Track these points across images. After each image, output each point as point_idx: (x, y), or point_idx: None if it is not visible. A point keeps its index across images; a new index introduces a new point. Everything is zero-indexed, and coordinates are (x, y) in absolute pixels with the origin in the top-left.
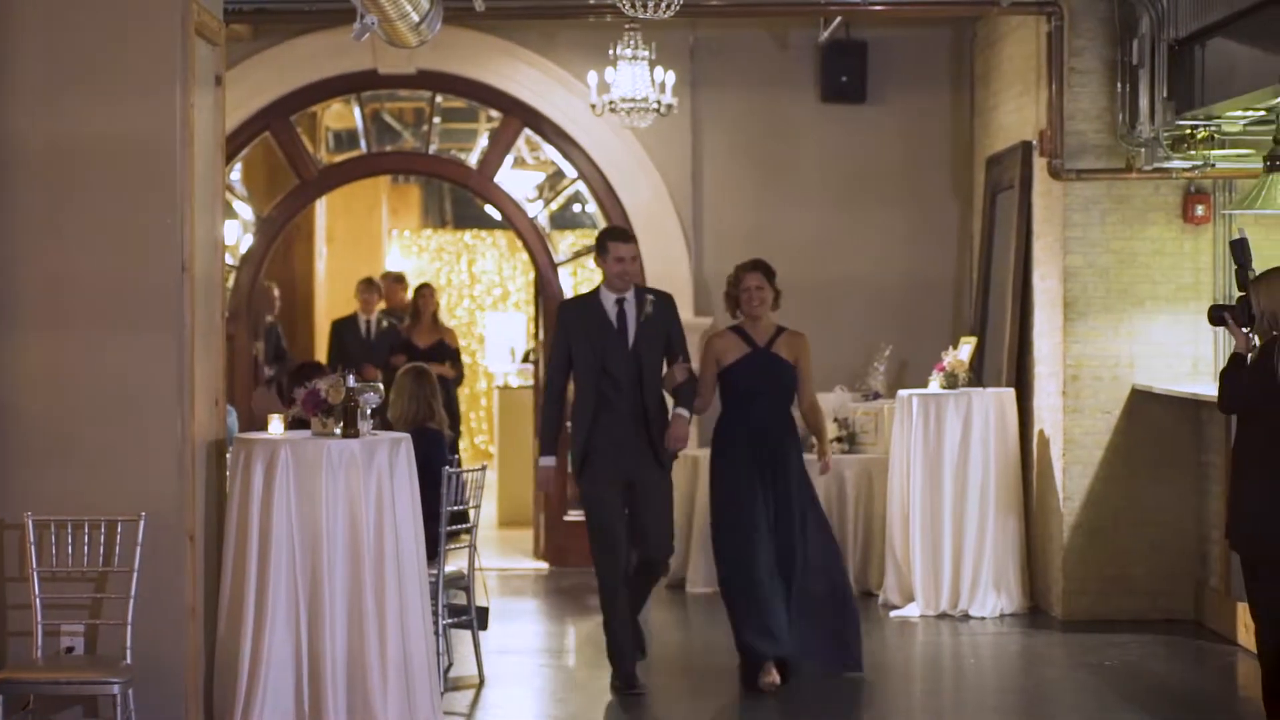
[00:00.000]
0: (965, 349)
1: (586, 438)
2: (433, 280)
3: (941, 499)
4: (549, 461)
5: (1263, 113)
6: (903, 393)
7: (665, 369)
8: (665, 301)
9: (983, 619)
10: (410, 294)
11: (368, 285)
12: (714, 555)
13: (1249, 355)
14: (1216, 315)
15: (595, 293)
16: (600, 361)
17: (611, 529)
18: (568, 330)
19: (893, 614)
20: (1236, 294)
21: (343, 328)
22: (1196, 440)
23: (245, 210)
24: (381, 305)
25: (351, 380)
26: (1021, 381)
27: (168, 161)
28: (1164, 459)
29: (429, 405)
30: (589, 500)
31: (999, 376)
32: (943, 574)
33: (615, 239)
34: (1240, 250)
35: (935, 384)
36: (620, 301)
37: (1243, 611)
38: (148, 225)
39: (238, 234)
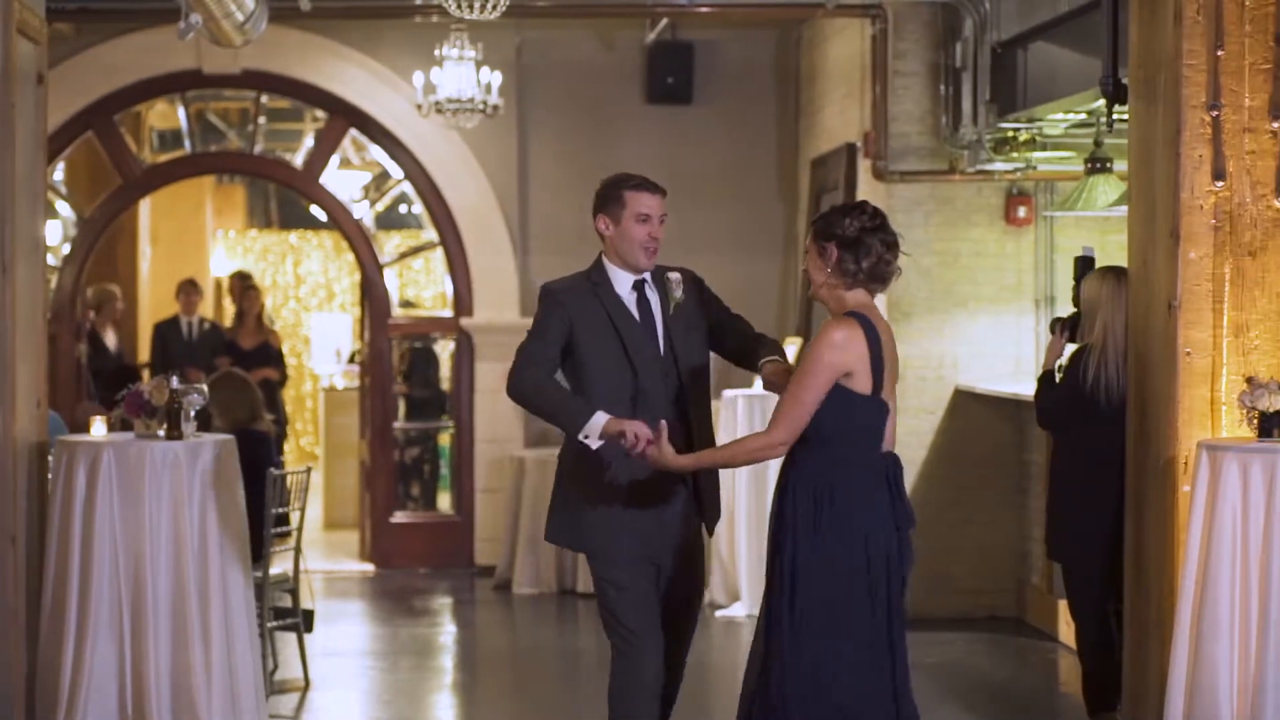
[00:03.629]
0: (791, 349)
1: (603, 491)
2: (258, 281)
3: (766, 499)
4: (600, 419)
5: (1083, 115)
6: (728, 393)
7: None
8: (692, 282)
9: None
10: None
11: (190, 287)
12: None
13: (1057, 370)
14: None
15: (599, 272)
16: (629, 374)
17: (646, 642)
18: (571, 323)
19: (718, 614)
20: (1072, 309)
21: (165, 330)
22: (1018, 440)
23: (68, 210)
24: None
25: (175, 382)
26: None
27: None
28: (987, 458)
29: (253, 407)
30: (609, 590)
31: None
32: (743, 575)
33: (636, 186)
34: (1085, 267)
35: (760, 384)
36: (640, 285)
37: (1063, 609)
38: None
39: (60, 234)
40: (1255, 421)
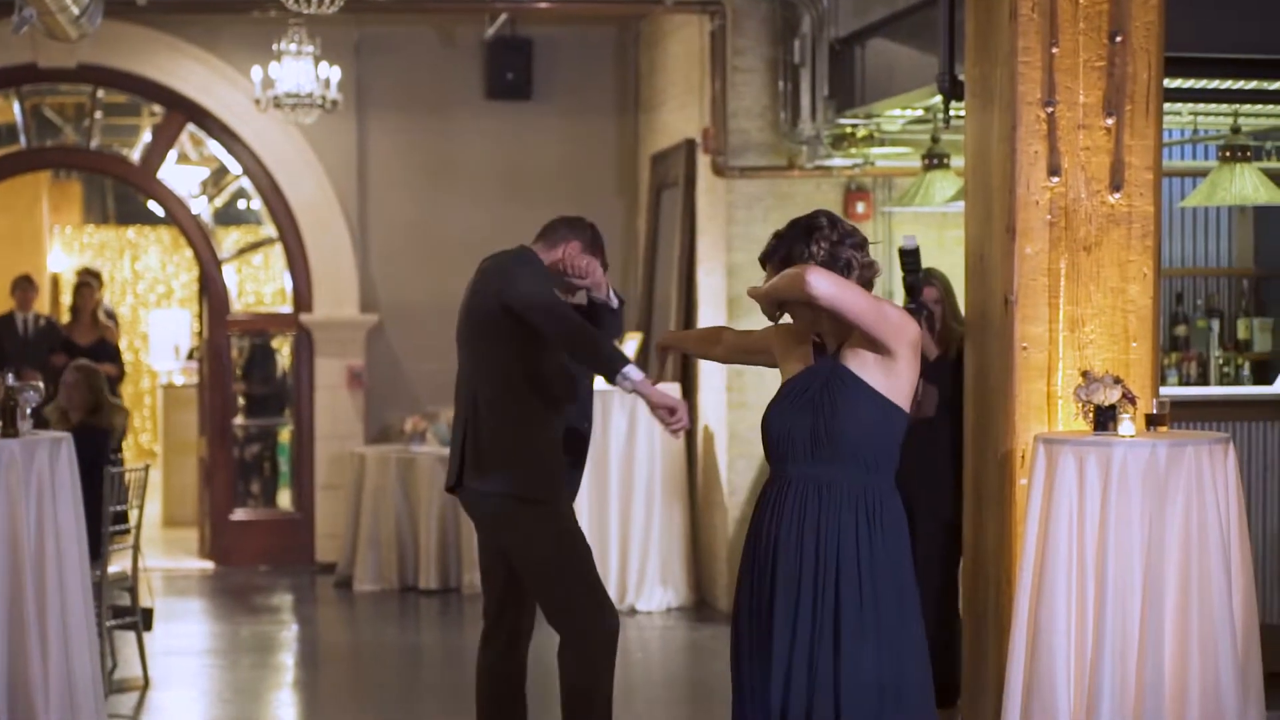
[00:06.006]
0: (630, 345)
1: (556, 455)
2: (105, 278)
3: (608, 495)
4: (637, 372)
5: (921, 111)
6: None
7: None
8: None
9: (650, 613)
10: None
11: (25, 283)
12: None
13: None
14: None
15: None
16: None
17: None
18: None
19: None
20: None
21: (0, 326)
22: None
23: None
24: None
25: (11, 379)
26: (687, 377)
27: None
28: None
29: (96, 403)
30: (572, 534)
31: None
32: (609, 569)
33: (598, 247)
34: (912, 259)
35: (600, 380)
36: None
37: None
38: None
39: None
40: (1091, 415)
